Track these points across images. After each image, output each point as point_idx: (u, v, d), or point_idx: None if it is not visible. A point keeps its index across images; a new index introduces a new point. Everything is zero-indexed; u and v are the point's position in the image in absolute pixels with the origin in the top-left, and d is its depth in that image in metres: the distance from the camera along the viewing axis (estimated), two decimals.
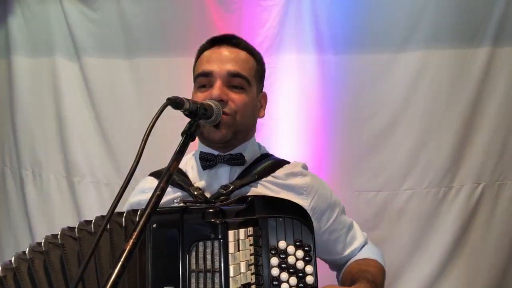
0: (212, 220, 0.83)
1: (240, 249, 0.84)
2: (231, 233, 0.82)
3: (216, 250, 0.81)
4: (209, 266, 0.81)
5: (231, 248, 0.82)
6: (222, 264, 0.81)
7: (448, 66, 1.90)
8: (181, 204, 0.96)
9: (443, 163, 1.91)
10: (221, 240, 0.81)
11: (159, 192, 0.74)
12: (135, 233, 0.67)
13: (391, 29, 1.92)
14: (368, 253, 1.18)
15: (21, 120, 2.33)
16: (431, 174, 1.92)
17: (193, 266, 0.81)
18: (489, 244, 1.91)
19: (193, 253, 0.82)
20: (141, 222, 0.69)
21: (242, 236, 0.85)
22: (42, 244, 0.90)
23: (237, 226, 0.85)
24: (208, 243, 0.82)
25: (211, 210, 0.84)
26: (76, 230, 0.90)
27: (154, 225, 0.85)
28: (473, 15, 1.87)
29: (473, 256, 1.91)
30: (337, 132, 1.98)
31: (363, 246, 1.21)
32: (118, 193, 0.72)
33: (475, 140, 1.92)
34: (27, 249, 0.92)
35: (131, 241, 0.66)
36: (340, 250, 1.17)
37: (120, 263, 0.64)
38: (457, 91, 1.90)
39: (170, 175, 0.78)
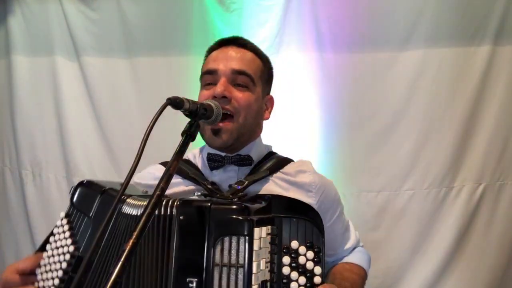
0: (240, 217, 0.84)
1: (262, 246, 0.85)
2: (257, 230, 0.83)
3: (242, 246, 0.82)
4: (233, 261, 0.82)
5: (256, 245, 0.82)
6: (247, 260, 0.81)
7: (449, 66, 1.90)
8: (202, 198, 0.96)
9: (444, 163, 1.91)
10: (247, 237, 0.82)
11: (159, 192, 0.74)
12: (135, 233, 0.67)
13: (392, 28, 1.92)
14: (356, 258, 1.20)
15: (21, 120, 2.33)
16: (432, 174, 1.92)
17: (218, 260, 0.82)
18: (490, 244, 1.91)
19: (218, 247, 0.83)
20: (142, 222, 0.69)
21: (264, 234, 0.86)
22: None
23: (260, 224, 0.86)
24: (234, 239, 0.83)
25: (236, 207, 0.85)
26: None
27: (181, 217, 0.85)
28: (474, 14, 1.87)
29: (474, 256, 1.91)
30: (337, 132, 1.97)
31: (354, 248, 1.22)
32: (119, 192, 0.72)
33: (476, 140, 1.91)
34: None
35: (131, 241, 0.66)
36: (335, 248, 1.18)
37: (120, 262, 0.63)
38: (458, 90, 1.90)
39: (170, 175, 0.77)
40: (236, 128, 1.04)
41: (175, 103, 0.83)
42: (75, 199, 1.03)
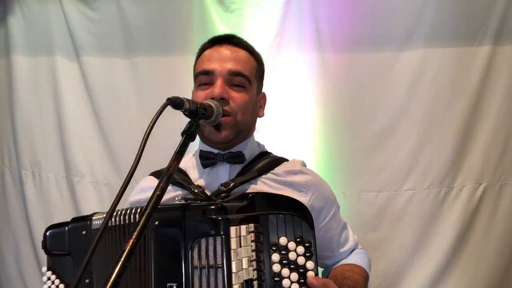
0: (214, 217, 0.83)
1: (242, 245, 0.84)
2: (233, 229, 0.82)
3: (218, 246, 0.81)
4: (211, 262, 0.81)
5: (233, 244, 0.82)
6: (225, 260, 0.80)
7: (449, 65, 1.90)
8: (182, 202, 0.96)
9: (444, 163, 1.91)
10: (223, 236, 0.81)
11: (159, 192, 0.74)
12: (135, 233, 0.67)
13: (392, 28, 1.92)
14: (356, 259, 1.18)
15: (21, 120, 2.33)
16: (432, 174, 1.92)
17: (196, 262, 0.82)
18: (490, 244, 1.91)
19: (196, 249, 0.82)
20: (141, 222, 0.69)
21: (243, 232, 0.85)
22: None
23: (239, 222, 0.85)
24: (210, 240, 0.82)
25: (212, 207, 0.84)
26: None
27: (156, 223, 0.85)
28: (474, 13, 1.87)
29: (475, 256, 1.91)
30: (337, 132, 1.97)
31: (353, 250, 1.21)
32: (118, 193, 0.72)
33: (476, 140, 1.91)
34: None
35: (131, 241, 0.66)
36: (332, 249, 1.17)
37: (120, 262, 0.63)
38: (458, 90, 1.89)
39: (170, 175, 0.78)
40: (235, 125, 1.04)
41: (175, 103, 0.83)
42: (48, 246, 1.05)
